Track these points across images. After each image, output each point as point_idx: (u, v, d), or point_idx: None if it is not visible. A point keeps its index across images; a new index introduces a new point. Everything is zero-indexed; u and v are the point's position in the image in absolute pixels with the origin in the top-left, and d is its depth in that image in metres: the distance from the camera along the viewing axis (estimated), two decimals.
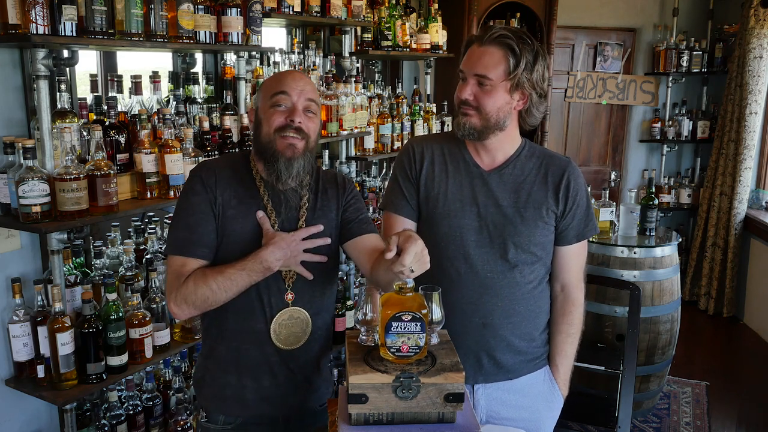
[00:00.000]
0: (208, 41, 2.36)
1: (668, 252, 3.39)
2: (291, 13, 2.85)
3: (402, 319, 1.28)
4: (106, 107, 2.16)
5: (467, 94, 1.62)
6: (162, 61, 2.82)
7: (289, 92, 1.53)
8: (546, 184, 1.70)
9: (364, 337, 1.41)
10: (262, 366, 1.60)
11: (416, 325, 1.28)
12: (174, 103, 2.50)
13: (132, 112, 2.28)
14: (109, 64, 2.62)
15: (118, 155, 2.16)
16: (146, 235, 2.44)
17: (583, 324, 1.83)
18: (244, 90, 2.66)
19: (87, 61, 2.50)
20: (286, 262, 1.53)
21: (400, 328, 1.28)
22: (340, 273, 2.97)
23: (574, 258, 1.78)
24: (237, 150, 2.50)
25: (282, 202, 1.58)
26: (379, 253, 1.51)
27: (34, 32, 1.82)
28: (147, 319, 2.16)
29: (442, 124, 3.99)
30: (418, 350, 1.30)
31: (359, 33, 3.50)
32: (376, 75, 4.09)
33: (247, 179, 1.61)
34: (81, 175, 1.92)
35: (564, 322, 1.80)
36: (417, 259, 1.29)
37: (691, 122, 5.45)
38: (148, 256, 2.34)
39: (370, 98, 3.45)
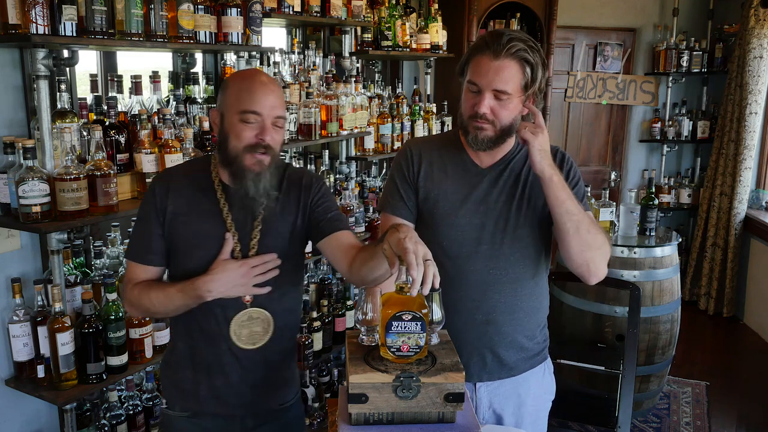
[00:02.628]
0: (208, 41, 2.36)
1: (668, 252, 3.39)
2: (291, 13, 2.85)
3: (402, 319, 1.28)
4: (106, 107, 2.16)
5: (485, 108, 1.60)
6: (162, 61, 2.82)
7: (261, 112, 1.51)
8: None
9: (364, 337, 1.41)
10: (215, 365, 1.62)
11: (417, 324, 1.28)
12: (174, 103, 2.50)
13: (132, 112, 2.28)
14: (109, 64, 2.62)
15: (118, 155, 2.16)
16: None
17: (603, 239, 1.66)
18: None
19: (87, 61, 2.50)
20: (231, 291, 1.54)
21: (401, 327, 1.28)
22: (339, 273, 2.97)
23: None
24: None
25: (238, 205, 1.58)
26: (357, 250, 1.53)
27: (34, 32, 1.82)
28: (147, 319, 2.16)
29: (442, 124, 3.99)
30: (418, 350, 1.30)
31: (359, 33, 3.50)
32: (376, 75, 4.09)
33: (205, 184, 1.61)
34: (81, 175, 1.92)
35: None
36: (419, 264, 1.27)
37: (691, 122, 5.44)
38: None
39: (370, 98, 3.45)
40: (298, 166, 2.73)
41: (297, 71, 3.06)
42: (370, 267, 1.44)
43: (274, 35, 3.47)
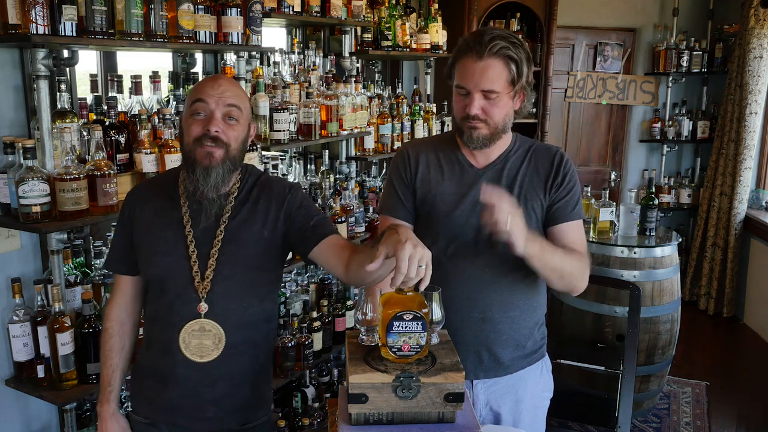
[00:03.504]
0: (208, 41, 2.36)
1: (668, 252, 3.39)
2: (291, 13, 2.85)
3: (403, 319, 1.28)
4: (106, 107, 2.16)
5: (476, 109, 1.62)
6: (162, 61, 2.82)
7: (206, 99, 1.49)
8: (538, 174, 1.73)
9: (363, 337, 1.41)
10: (170, 376, 1.58)
11: (417, 324, 1.28)
12: (174, 103, 2.50)
13: (132, 112, 2.28)
14: (109, 64, 2.62)
15: (118, 155, 2.16)
16: None
17: (583, 266, 1.67)
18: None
19: (87, 61, 2.50)
20: None
21: (402, 327, 1.28)
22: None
23: (573, 231, 1.73)
24: None
25: (201, 212, 1.55)
26: (350, 251, 1.51)
27: (34, 32, 1.82)
28: None
29: (442, 124, 3.99)
30: (419, 349, 1.30)
31: (359, 33, 3.50)
32: (376, 75, 4.09)
33: (172, 191, 1.61)
34: (81, 175, 1.92)
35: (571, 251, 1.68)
36: (412, 263, 1.24)
37: (691, 122, 5.44)
38: None
39: (370, 98, 3.45)
40: (276, 175, 2.70)
41: (297, 71, 3.06)
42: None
43: (274, 35, 3.47)
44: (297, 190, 1.65)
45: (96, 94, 2.34)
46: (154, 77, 2.43)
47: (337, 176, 3.29)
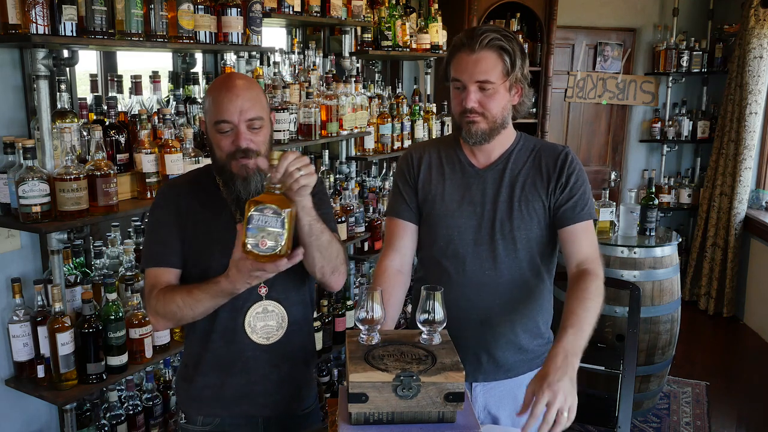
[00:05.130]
0: (208, 41, 2.36)
1: (668, 252, 3.39)
2: (291, 13, 2.85)
3: (264, 213, 1.28)
4: (106, 107, 2.16)
5: (472, 102, 1.62)
6: (162, 61, 2.82)
7: (229, 119, 1.51)
8: (541, 174, 1.71)
9: (364, 336, 1.41)
10: (238, 362, 1.61)
11: (277, 220, 1.28)
12: (174, 103, 2.49)
13: (132, 112, 2.28)
14: (109, 64, 2.62)
15: (118, 155, 2.16)
16: None
17: (603, 299, 1.63)
18: None
19: (87, 61, 2.50)
20: (255, 278, 1.48)
21: (261, 221, 1.29)
22: None
23: (582, 233, 1.70)
24: None
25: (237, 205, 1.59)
26: None
27: (34, 32, 1.82)
28: (147, 319, 2.16)
29: (442, 124, 3.99)
30: (276, 248, 1.29)
31: (359, 33, 3.50)
32: (376, 75, 4.09)
33: (210, 187, 1.63)
34: (81, 175, 1.92)
35: (578, 288, 1.62)
36: (288, 162, 1.33)
37: (691, 122, 5.44)
38: None
39: (370, 98, 3.45)
40: None
41: (297, 71, 3.06)
42: (307, 252, 1.48)
43: (274, 35, 3.47)
44: (320, 183, 1.69)
45: (96, 94, 2.34)
46: (154, 77, 2.43)
47: (337, 176, 3.29)
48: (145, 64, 2.78)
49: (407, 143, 3.62)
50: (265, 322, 1.60)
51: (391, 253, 1.78)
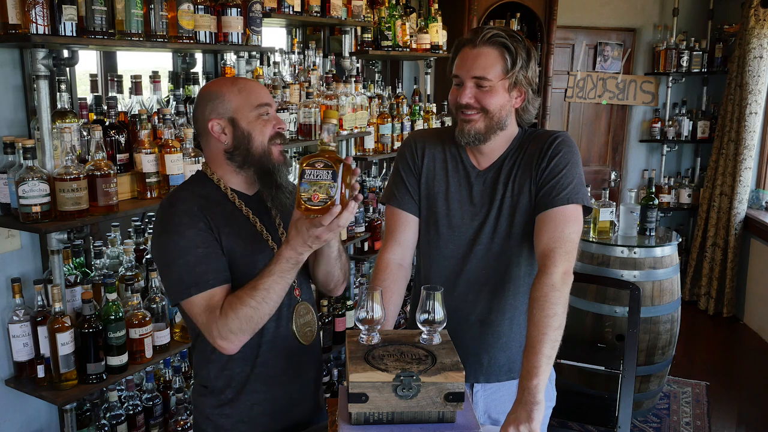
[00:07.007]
0: (208, 41, 2.36)
1: (668, 252, 3.39)
2: (291, 13, 2.85)
3: (315, 166, 1.31)
4: (106, 107, 2.16)
5: (467, 97, 1.60)
6: (162, 61, 2.82)
7: (270, 103, 1.56)
8: (529, 164, 1.67)
9: (364, 337, 1.41)
10: (292, 370, 1.60)
11: (328, 173, 1.31)
12: (174, 103, 2.50)
13: (132, 112, 2.28)
14: (109, 64, 2.62)
15: (118, 155, 2.16)
16: (146, 235, 2.44)
17: (564, 315, 1.53)
18: None
19: (87, 61, 2.50)
20: (316, 241, 1.39)
21: (313, 176, 1.31)
22: None
23: (548, 221, 1.58)
24: None
25: (256, 205, 1.59)
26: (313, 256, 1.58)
27: (34, 32, 1.82)
28: (147, 319, 2.16)
29: (442, 124, 4.00)
30: (327, 200, 1.31)
31: (359, 33, 3.50)
32: (376, 75, 4.09)
33: (218, 195, 1.56)
34: (81, 175, 1.92)
35: (532, 300, 1.51)
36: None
37: (691, 122, 5.45)
38: (148, 256, 2.34)
39: (370, 98, 3.46)
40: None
41: (297, 71, 3.06)
42: (319, 263, 1.56)
43: (274, 35, 3.48)
44: None
45: (96, 94, 2.34)
46: (154, 77, 2.43)
47: None
48: (145, 64, 2.78)
49: None
50: (308, 322, 1.63)
51: (393, 245, 1.74)
